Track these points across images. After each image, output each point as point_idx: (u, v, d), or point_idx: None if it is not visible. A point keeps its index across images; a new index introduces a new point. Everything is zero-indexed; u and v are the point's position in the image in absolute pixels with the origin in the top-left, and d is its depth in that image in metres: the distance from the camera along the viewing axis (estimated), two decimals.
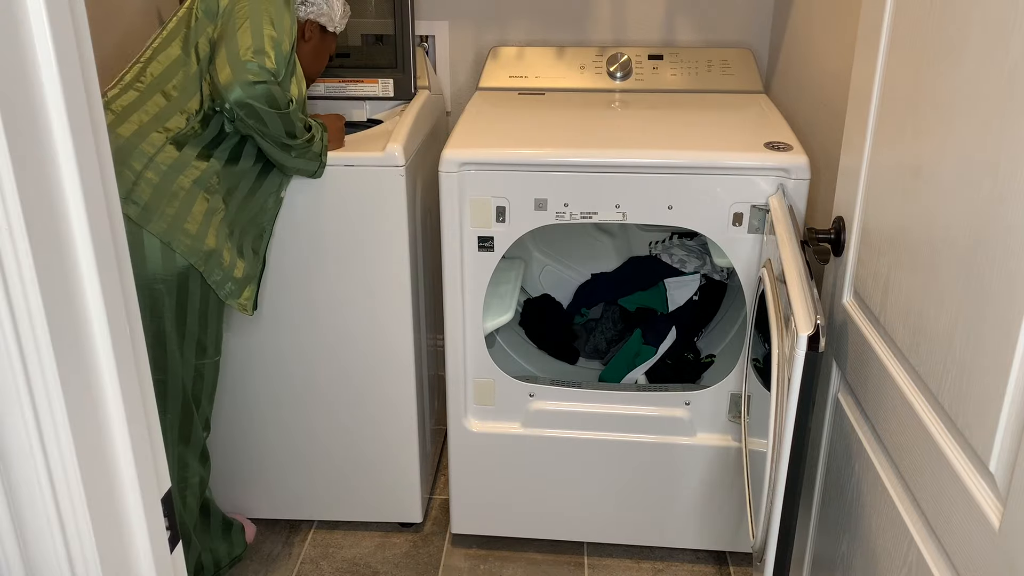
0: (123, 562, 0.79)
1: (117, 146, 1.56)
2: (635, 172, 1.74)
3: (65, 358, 0.69)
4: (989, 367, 0.89)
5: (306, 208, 1.83)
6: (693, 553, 2.11)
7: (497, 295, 2.04)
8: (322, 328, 1.94)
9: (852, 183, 1.33)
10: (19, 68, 0.63)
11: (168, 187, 1.57)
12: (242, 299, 1.68)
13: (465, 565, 2.08)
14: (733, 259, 1.78)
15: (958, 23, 0.98)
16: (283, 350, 1.96)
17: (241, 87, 1.52)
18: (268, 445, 2.06)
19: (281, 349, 1.96)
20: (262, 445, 2.07)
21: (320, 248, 1.86)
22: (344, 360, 1.97)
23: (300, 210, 1.83)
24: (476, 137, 1.83)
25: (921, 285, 1.07)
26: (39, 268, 0.66)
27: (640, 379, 2.16)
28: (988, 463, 0.88)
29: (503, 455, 1.99)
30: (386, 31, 2.08)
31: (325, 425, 2.04)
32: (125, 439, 0.77)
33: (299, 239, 1.85)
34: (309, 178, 1.79)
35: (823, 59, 1.86)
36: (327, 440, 2.05)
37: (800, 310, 1.22)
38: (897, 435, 1.13)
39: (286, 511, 2.16)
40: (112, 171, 0.74)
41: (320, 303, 1.91)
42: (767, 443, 1.34)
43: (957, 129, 0.97)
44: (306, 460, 2.08)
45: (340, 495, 2.12)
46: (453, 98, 2.48)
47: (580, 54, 2.29)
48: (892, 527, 1.13)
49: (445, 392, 1.97)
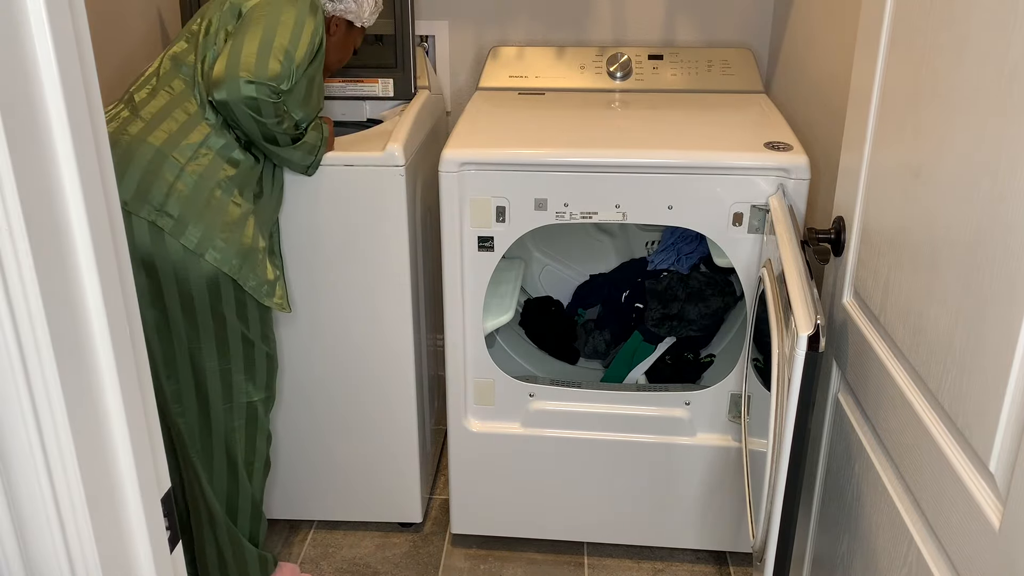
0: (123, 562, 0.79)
1: (149, 156, 1.54)
2: (635, 172, 1.74)
3: (65, 358, 0.69)
4: (989, 367, 0.89)
5: (306, 208, 1.83)
6: (693, 553, 2.11)
7: (497, 295, 2.04)
8: (322, 328, 1.94)
9: (852, 183, 1.33)
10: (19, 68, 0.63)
11: (200, 196, 1.57)
12: (276, 298, 1.68)
13: (465, 565, 2.08)
14: (733, 259, 1.78)
15: (958, 23, 0.98)
16: (283, 350, 1.96)
17: (228, 92, 1.52)
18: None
19: (281, 349, 1.96)
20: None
21: (320, 248, 1.86)
22: (344, 360, 1.97)
23: (300, 210, 1.83)
24: (476, 137, 1.83)
25: (921, 285, 1.07)
26: (39, 268, 0.66)
27: (640, 379, 2.16)
28: (988, 463, 0.88)
29: (503, 455, 1.99)
30: (386, 31, 2.08)
31: (325, 425, 2.04)
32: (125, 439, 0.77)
33: (299, 239, 1.85)
34: (303, 175, 1.78)
35: (823, 59, 1.86)
36: (327, 440, 2.05)
37: (800, 310, 1.22)
38: (897, 435, 1.13)
39: (286, 511, 2.16)
40: (112, 171, 0.74)
41: (320, 303, 1.91)
42: (767, 443, 1.34)
43: (957, 129, 0.97)
44: (306, 460, 2.08)
45: (340, 495, 2.12)
46: (453, 98, 2.48)
47: (580, 54, 2.29)
48: (892, 527, 1.13)
49: (445, 392, 1.97)
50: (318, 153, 1.75)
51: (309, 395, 2.01)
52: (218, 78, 1.52)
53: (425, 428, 2.15)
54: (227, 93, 1.51)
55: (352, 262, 1.87)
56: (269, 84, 1.53)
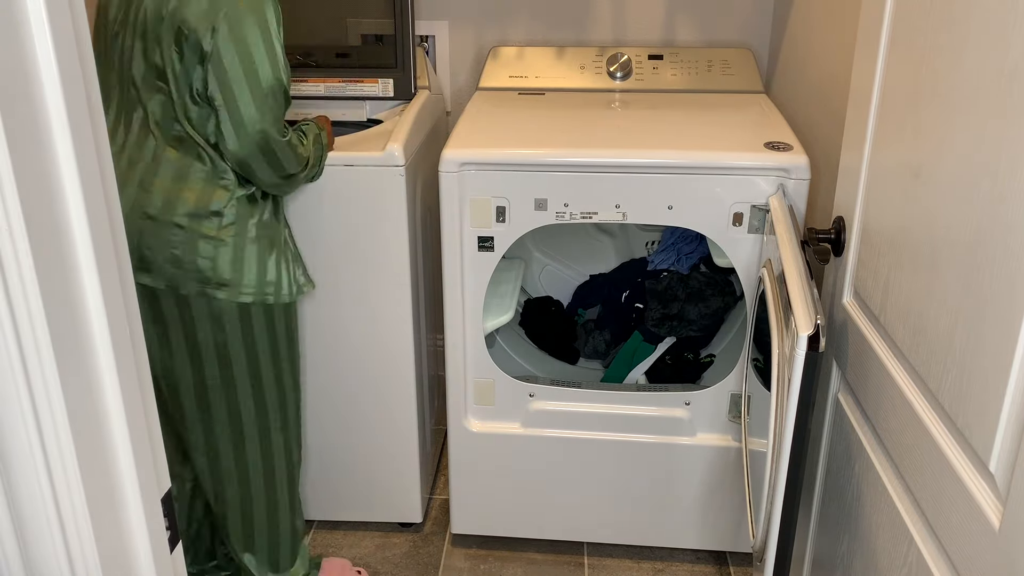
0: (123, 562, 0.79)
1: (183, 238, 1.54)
2: (635, 172, 1.74)
3: (65, 358, 0.69)
4: (989, 367, 0.89)
5: (306, 208, 1.83)
6: (693, 553, 2.11)
7: (497, 295, 2.04)
8: (322, 328, 1.94)
9: (852, 183, 1.33)
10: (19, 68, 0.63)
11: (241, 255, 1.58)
12: (304, 284, 1.70)
13: (465, 565, 2.08)
14: (733, 259, 1.78)
15: (958, 23, 0.98)
16: None
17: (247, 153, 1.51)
18: None
19: None
20: None
21: (320, 248, 1.86)
22: (344, 360, 1.97)
23: (300, 210, 1.83)
24: (476, 137, 1.83)
25: (921, 285, 1.07)
26: (39, 268, 0.66)
27: (640, 379, 2.16)
28: (988, 463, 0.88)
29: (503, 455, 1.99)
30: (386, 31, 2.08)
31: (325, 425, 2.04)
32: (125, 439, 0.77)
33: (299, 239, 1.85)
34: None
35: (823, 59, 1.86)
36: (327, 440, 2.05)
37: (800, 310, 1.22)
38: (897, 435, 1.13)
39: None
40: (112, 171, 0.74)
41: (320, 303, 1.91)
42: (767, 443, 1.34)
43: (957, 129, 0.97)
44: (306, 460, 2.08)
45: (340, 495, 2.12)
46: (453, 98, 2.48)
47: (580, 54, 2.29)
48: (892, 527, 1.13)
49: (445, 392, 1.97)
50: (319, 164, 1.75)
51: (309, 395, 2.01)
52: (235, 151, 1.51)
53: (425, 428, 2.15)
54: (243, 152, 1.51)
55: (352, 262, 1.87)
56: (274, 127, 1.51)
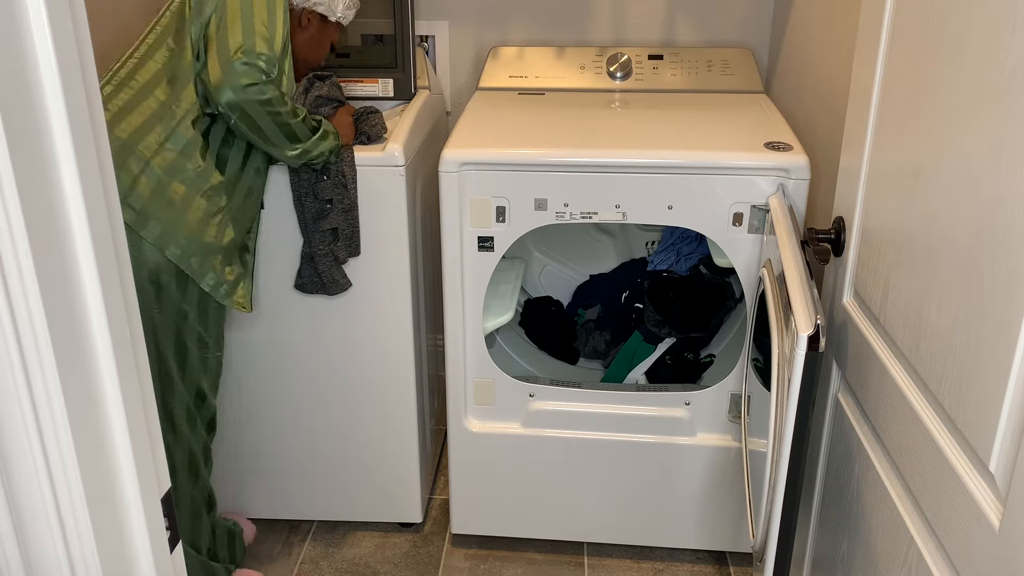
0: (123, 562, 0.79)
1: (115, 149, 1.55)
2: (635, 172, 1.74)
3: (65, 358, 0.69)
4: (989, 367, 0.89)
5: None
6: (693, 553, 2.11)
7: (497, 295, 2.04)
8: (321, 328, 1.94)
9: (852, 183, 1.33)
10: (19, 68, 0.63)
11: (164, 192, 1.57)
12: (237, 297, 1.68)
13: (465, 565, 2.08)
14: (733, 259, 1.78)
15: (958, 23, 0.98)
16: (283, 350, 1.96)
17: (232, 90, 1.51)
18: (268, 445, 2.06)
19: (281, 349, 1.96)
20: (262, 445, 2.07)
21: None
22: (344, 360, 1.97)
23: None
24: (476, 137, 1.83)
25: (921, 285, 1.07)
26: (39, 268, 0.66)
27: (640, 379, 2.16)
28: (988, 463, 0.88)
29: (503, 455, 1.99)
30: (386, 31, 2.08)
31: (325, 425, 2.04)
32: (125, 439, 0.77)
33: (299, 239, 1.85)
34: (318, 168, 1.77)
35: (823, 59, 1.86)
36: (327, 440, 2.05)
37: (800, 310, 1.22)
38: (897, 435, 1.13)
39: (286, 511, 2.16)
40: (112, 171, 0.74)
41: (320, 303, 1.91)
42: (767, 443, 1.34)
43: (957, 129, 0.97)
44: (306, 460, 2.08)
45: (340, 495, 2.12)
46: (453, 98, 2.48)
47: (580, 54, 2.29)
48: (892, 527, 1.13)
49: (445, 392, 1.97)
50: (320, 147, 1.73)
51: (309, 395, 2.01)
52: (218, 85, 1.52)
53: (425, 428, 2.15)
54: (232, 95, 1.51)
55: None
56: (263, 69, 1.52)
